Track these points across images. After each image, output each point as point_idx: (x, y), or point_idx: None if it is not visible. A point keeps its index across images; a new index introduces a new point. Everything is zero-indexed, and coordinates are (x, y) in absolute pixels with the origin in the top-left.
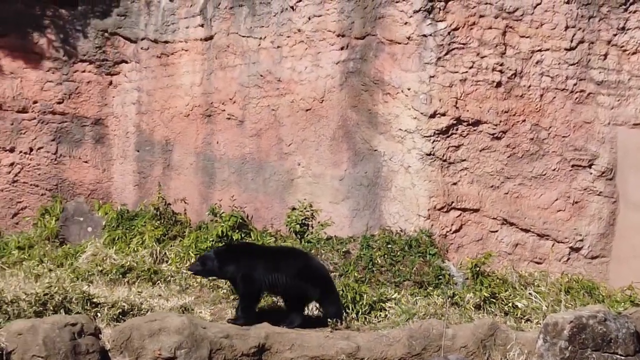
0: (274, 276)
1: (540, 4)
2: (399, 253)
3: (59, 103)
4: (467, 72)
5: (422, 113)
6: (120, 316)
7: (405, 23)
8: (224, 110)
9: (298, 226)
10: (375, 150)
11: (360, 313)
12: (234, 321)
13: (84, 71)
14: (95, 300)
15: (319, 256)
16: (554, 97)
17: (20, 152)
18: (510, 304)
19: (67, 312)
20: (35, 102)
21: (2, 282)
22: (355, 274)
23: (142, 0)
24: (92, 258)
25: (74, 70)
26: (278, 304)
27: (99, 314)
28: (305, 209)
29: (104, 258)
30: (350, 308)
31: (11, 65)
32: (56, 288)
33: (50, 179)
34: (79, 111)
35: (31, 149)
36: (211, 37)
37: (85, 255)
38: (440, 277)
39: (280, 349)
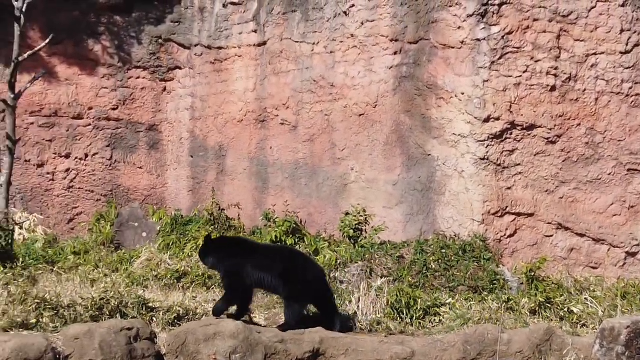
0: (261, 275)
1: (595, 7)
2: (453, 258)
3: (113, 109)
4: (521, 76)
5: (476, 117)
6: (176, 321)
7: (459, 27)
8: (278, 115)
9: (352, 231)
10: (429, 154)
11: (414, 318)
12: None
13: (138, 77)
14: (150, 304)
15: (373, 261)
16: (609, 101)
17: (76, 158)
18: (565, 309)
19: (123, 317)
20: (90, 109)
21: (58, 287)
22: (409, 279)
23: (196, 6)
24: (147, 263)
25: (128, 77)
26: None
27: (154, 319)
28: (358, 214)
29: (159, 263)
30: (405, 313)
31: (67, 72)
32: (112, 293)
33: (105, 185)
34: (134, 117)
35: (86, 155)
36: (264, 43)
37: (140, 260)
38: (495, 282)
39: (335, 354)
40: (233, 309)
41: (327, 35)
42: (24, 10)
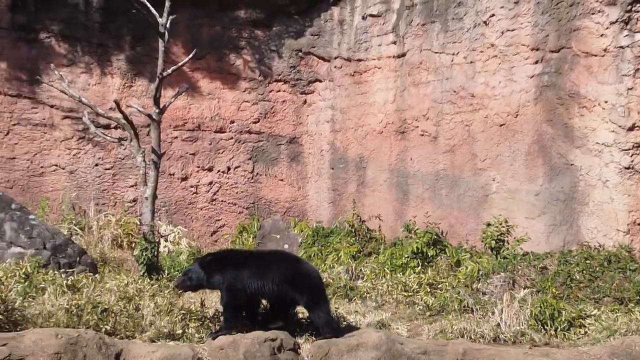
0: (260, 283)
1: None
2: (597, 269)
3: (255, 122)
4: None
5: (620, 126)
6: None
7: (602, 35)
8: (417, 126)
9: (494, 242)
10: (572, 164)
11: (558, 329)
12: (217, 334)
13: (279, 91)
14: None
15: (516, 272)
16: None
17: (219, 171)
18: None
19: None
20: (232, 122)
21: (203, 298)
22: (553, 290)
23: (335, 19)
24: None
25: (269, 90)
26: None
27: (297, 330)
28: (500, 224)
29: None
30: (549, 324)
31: (209, 87)
32: None
33: (247, 197)
34: (275, 130)
35: (229, 168)
36: (404, 54)
37: None
38: None
39: None
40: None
41: (467, 45)
42: (167, 26)
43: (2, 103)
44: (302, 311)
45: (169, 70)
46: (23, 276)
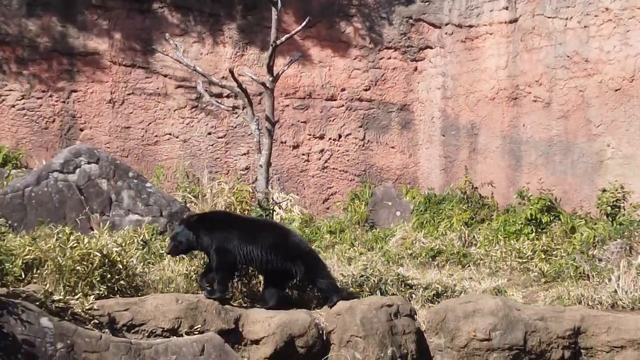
0: (250, 247)
1: None
2: None
3: (365, 90)
4: None
5: None
6: (434, 298)
7: None
8: (530, 92)
9: (609, 208)
10: None
11: None
12: (210, 296)
13: (389, 58)
14: (409, 282)
15: (633, 238)
16: None
17: (330, 138)
18: None
19: (382, 294)
20: (343, 90)
21: None
22: None
23: None
24: (402, 241)
25: (379, 58)
26: None
27: (413, 296)
28: (616, 190)
29: (413, 241)
30: None
31: (320, 55)
32: (371, 270)
33: (359, 165)
34: (385, 97)
35: (340, 136)
36: (516, 20)
37: (394, 238)
38: None
39: (596, 332)
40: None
41: (581, 9)
42: None
43: (117, 73)
44: None
45: (282, 39)
46: (141, 243)
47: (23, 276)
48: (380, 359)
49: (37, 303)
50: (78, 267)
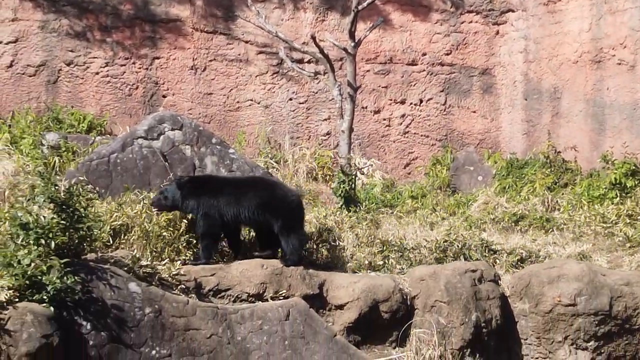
0: (236, 210)
1: None
2: None
3: (447, 54)
4: None
5: None
6: (518, 263)
7: None
8: (614, 55)
9: None
10: None
11: None
12: (195, 262)
13: (470, 22)
14: (493, 247)
15: None
16: None
17: (411, 103)
18: None
19: (466, 259)
20: (424, 54)
21: (400, 230)
22: None
23: None
24: (484, 206)
25: (461, 22)
26: None
27: (497, 261)
28: None
29: (495, 206)
30: None
31: (400, 19)
32: (454, 235)
33: (440, 129)
34: (467, 62)
35: (421, 101)
36: None
37: (476, 203)
38: None
39: None
40: None
41: None
42: None
43: (199, 40)
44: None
45: (364, 4)
46: None
47: (111, 242)
48: (465, 324)
49: (125, 268)
50: (164, 233)
